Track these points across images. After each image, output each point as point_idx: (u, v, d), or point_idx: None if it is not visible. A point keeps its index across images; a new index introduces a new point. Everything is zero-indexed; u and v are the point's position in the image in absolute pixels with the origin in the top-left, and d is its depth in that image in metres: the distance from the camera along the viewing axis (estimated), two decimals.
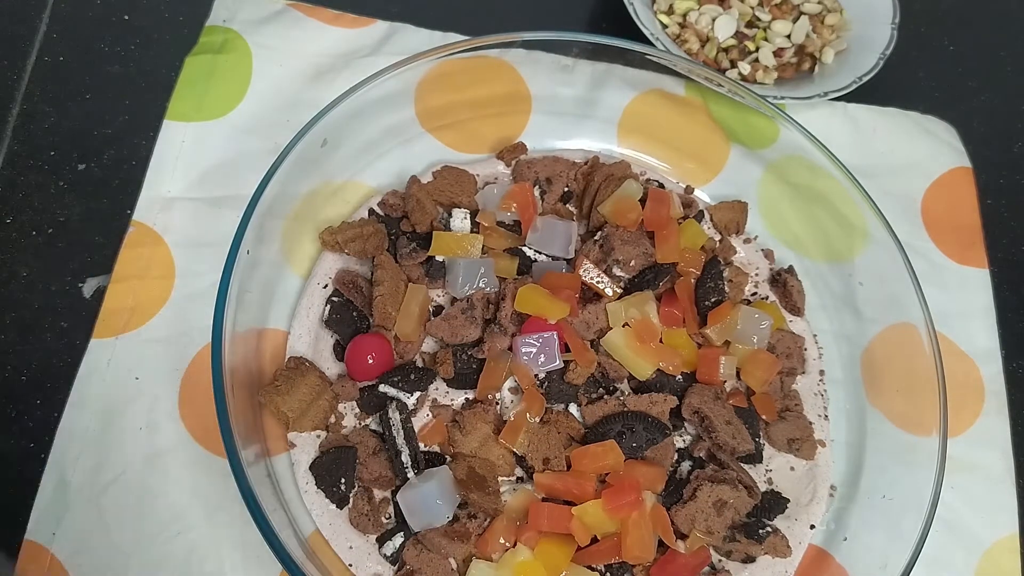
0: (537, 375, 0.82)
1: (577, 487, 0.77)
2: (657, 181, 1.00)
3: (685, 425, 0.85)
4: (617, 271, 0.89)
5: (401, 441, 0.78)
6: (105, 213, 0.91)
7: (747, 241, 0.99)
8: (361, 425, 0.83)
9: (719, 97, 1.00)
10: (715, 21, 1.07)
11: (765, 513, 0.82)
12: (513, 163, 0.97)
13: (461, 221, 0.89)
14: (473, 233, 0.89)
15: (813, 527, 0.84)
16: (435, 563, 0.76)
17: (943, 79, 1.17)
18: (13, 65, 0.97)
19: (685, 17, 1.08)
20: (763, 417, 0.86)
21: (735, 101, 0.98)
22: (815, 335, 0.95)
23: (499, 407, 0.83)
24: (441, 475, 0.77)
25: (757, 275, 0.97)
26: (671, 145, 1.02)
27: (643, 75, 1.02)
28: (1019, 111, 1.17)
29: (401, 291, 0.84)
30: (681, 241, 0.89)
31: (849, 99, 1.06)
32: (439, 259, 0.86)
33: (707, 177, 1.02)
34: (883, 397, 0.89)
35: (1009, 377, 0.97)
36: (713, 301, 0.87)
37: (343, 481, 0.78)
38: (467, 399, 0.83)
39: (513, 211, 0.90)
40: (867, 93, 1.05)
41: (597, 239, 0.90)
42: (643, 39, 1.00)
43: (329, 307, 0.86)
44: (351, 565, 0.77)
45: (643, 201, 0.91)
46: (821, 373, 0.93)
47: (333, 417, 0.82)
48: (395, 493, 0.78)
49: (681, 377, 0.85)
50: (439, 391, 0.83)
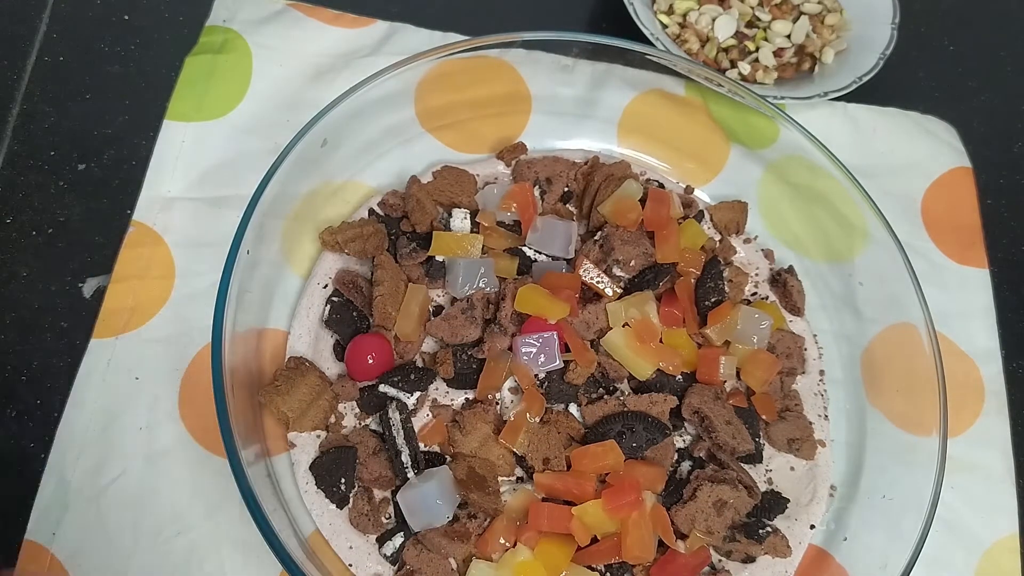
0: (537, 375, 0.82)
1: (577, 487, 0.77)
2: (657, 181, 1.00)
3: (685, 425, 0.85)
4: (617, 271, 0.89)
5: (401, 441, 0.78)
6: (105, 213, 0.91)
7: (747, 241, 0.99)
8: (361, 425, 0.83)
9: (719, 97, 1.00)
10: (715, 21, 1.07)
11: (765, 513, 0.82)
12: (513, 163, 0.97)
13: (461, 221, 0.89)
14: (473, 233, 0.89)
15: (813, 527, 0.84)
16: (435, 563, 0.76)
17: (943, 79, 1.17)
18: (13, 65, 0.97)
19: (685, 17, 1.08)
20: (763, 417, 0.86)
21: (735, 101, 0.98)
22: (815, 335, 0.95)
23: (499, 407, 0.83)
24: (441, 475, 0.77)
25: (757, 275, 0.97)
26: (671, 145, 1.02)
27: (643, 75, 1.02)
28: (1019, 111, 1.17)
29: (401, 291, 0.84)
30: (681, 241, 0.89)
31: (849, 99, 1.06)
32: (439, 259, 0.86)
33: (707, 177, 1.02)
34: (883, 397, 0.89)
35: (1009, 377, 0.97)
36: (713, 301, 0.87)
37: (343, 481, 0.78)
38: (467, 399, 0.83)
39: (513, 211, 0.90)
40: (867, 93, 1.05)
41: (597, 239, 0.90)
42: (643, 39, 1.00)
43: (329, 307, 0.86)
44: (351, 565, 0.77)
45: (643, 201, 0.91)
46: (821, 373, 0.93)
47: (333, 417, 0.82)
48: (395, 493, 0.78)
49: (681, 377, 0.85)
50: (439, 391, 0.83)
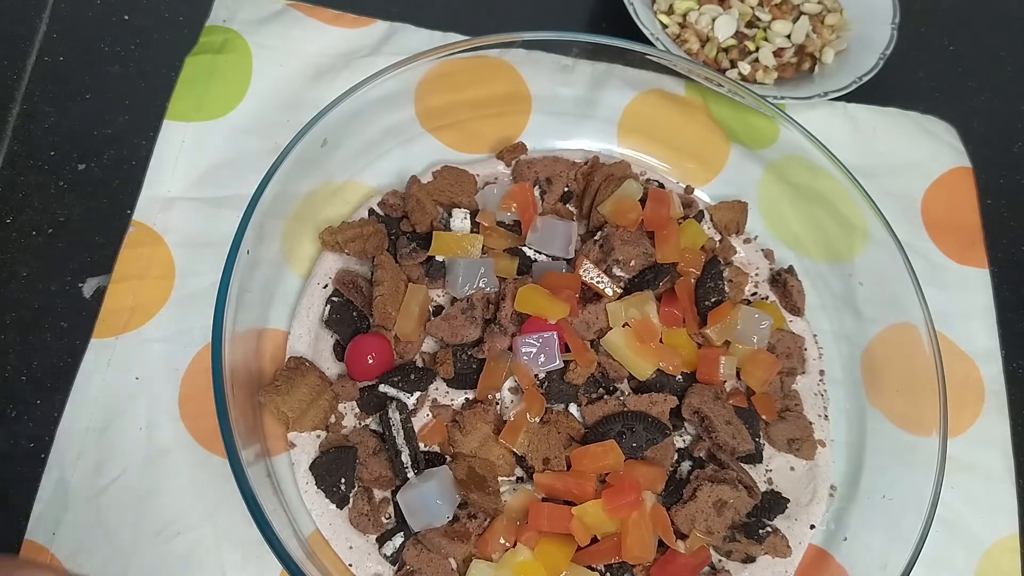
0: (537, 375, 0.82)
1: (577, 487, 0.77)
2: (657, 181, 1.00)
3: (685, 425, 0.85)
4: (617, 271, 0.89)
5: (401, 441, 0.78)
6: (105, 213, 0.90)
7: (747, 241, 0.99)
8: (361, 425, 0.83)
9: (719, 97, 1.00)
10: (715, 21, 1.07)
11: (765, 513, 0.82)
12: (513, 163, 0.97)
13: (461, 221, 0.89)
14: (473, 233, 0.89)
15: (813, 527, 0.84)
16: (435, 563, 0.76)
17: (943, 79, 1.17)
18: (13, 65, 0.97)
19: (685, 17, 1.08)
20: (763, 417, 0.86)
21: (735, 101, 0.98)
22: (815, 335, 0.95)
23: (499, 407, 0.83)
24: (441, 475, 0.77)
25: (757, 275, 0.97)
26: (671, 145, 1.02)
27: (643, 75, 1.02)
28: (1019, 111, 1.17)
29: (401, 291, 0.84)
30: (681, 241, 0.89)
31: (849, 99, 1.06)
32: (439, 259, 0.86)
33: (707, 177, 1.02)
34: (883, 397, 0.89)
35: (1009, 377, 0.97)
36: (713, 301, 0.87)
37: (343, 481, 0.78)
38: (467, 399, 0.83)
39: (513, 211, 0.90)
40: (867, 93, 1.05)
41: (597, 239, 0.90)
42: (643, 39, 1.00)
43: (329, 307, 0.86)
44: (351, 565, 0.77)
45: (643, 201, 0.91)
46: (821, 373, 0.93)
47: (333, 417, 0.82)
48: (395, 493, 0.78)
49: (681, 377, 0.85)
50: (439, 391, 0.83)
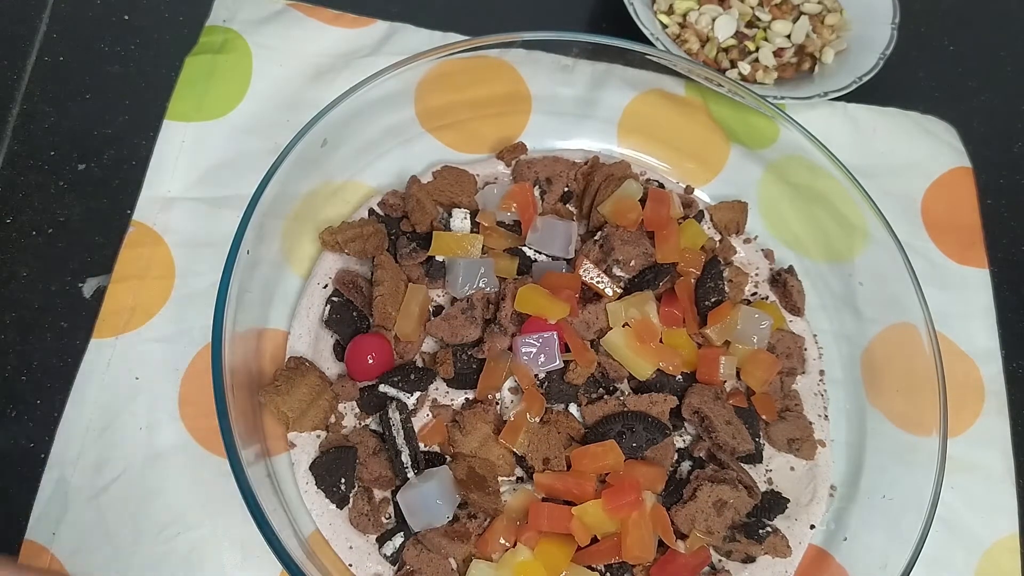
0: (537, 375, 0.82)
1: (577, 487, 0.77)
2: (657, 181, 1.00)
3: (685, 425, 0.85)
4: (617, 271, 0.89)
5: (401, 441, 0.78)
6: (105, 213, 0.90)
7: (747, 241, 0.99)
8: (361, 425, 0.83)
9: (719, 97, 1.00)
10: (715, 21, 1.07)
11: (765, 513, 0.82)
12: (513, 163, 0.97)
13: (461, 221, 0.89)
14: (473, 233, 0.89)
15: (813, 527, 0.84)
16: (435, 563, 0.76)
17: (943, 79, 1.17)
18: (13, 65, 0.97)
19: (685, 17, 1.08)
20: (763, 417, 0.86)
21: (735, 101, 0.98)
22: (815, 335, 0.95)
23: (499, 407, 0.83)
24: (441, 475, 0.77)
25: (757, 275, 0.97)
26: (671, 145, 1.02)
27: (643, 75, 1.02)
28: (1019, 111, 1.17)
29: (401, 291, 0.84)
30: (681, 241, 0.89)
31: (849, 99, 1.06)
32: (439, 259, 0.86)
33: (707, 177, 1.02)
34: (883, 397, 0.89)
35: (1009, 377, 0.97)
36: (713, 301, 0.87)
37: (343, 481, 0.78)
38: (467, 399, 0.83)
39: (513, 211, 0.90)
40: (867, 93, 1.05)
41: (597, 239, 0.90)
42: (643, 39, 1.00)
43: (329, 307, 0.86)
44: (351, 565, 0.77)
45: (643, 201, 0.91)
46: (821, 373, 0.93)
47: (333, 417, 0.82)
48: (395, 493, 0.78)
49: (681, 377, 0.85)
50: (439, 391, 0.83)
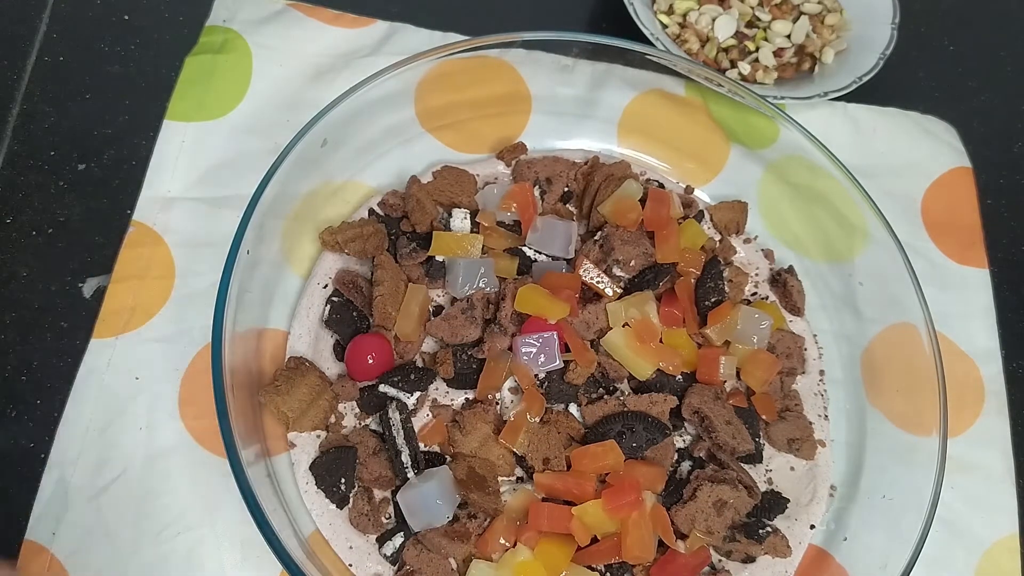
0: (537, 375, 0.82)
1: (577, 487, 0.77)
2: (657, 181, 1.00)
3: (685, 425, 0.85)
4: (617, 271, 0.89)
5: (401, 441, 0.78)
6: (105, 213, 0.90)
7: (747, 241, 0.99)
8: (361, 425, 0.83)
9: (719, 97, 1.00)
10: (715, 21, 1.07)
11: (765, 513, 0.82)
12: (513, 163, 0.97)
13: (461, 221, 0.89)
14: (473, 233, 0.89)
15: (813, 527, 0.84)
16: (435, 563, 0.76)
17: (943, 79, 1.17)
18: (13, 65, 0.97)
19: (685, 17, 1.08)
20: (763, 417, 0.86)
21: (735, 101, 0.98)
22: (815, 335, 0.95)
23: (499, 407, 0.83)
24: (441, 475, 0.77)
25: (757, 275, 0.97)
26: (671, 145, 1.02)
27: (643, 75, 1.02)
28: (1019, 111, 1.17)
29: (401, 291, 0.84)
30: (681, 241, 0.89)
31: (849, 99, 1.06)
32: (439, 259, 0.86)
33: (707, 177, 1.02)
34: (883, 397, 0.89)
35: (1009, 377, 0.97)
36: (713, 301, 0.87)
37: (343, 481, 0.78)
38: (467, 399, 0.83)
39: (513, 211, 0.90)
40: (867, 93, 1.05)
41: (597, 239, 0.90)
42: (643, 39, 1.00)
43: (329, 307, 0.86)
44: (351, 565, 0.77)
45: (643, 201, 0.91)
46: (821, 373, 0.93)
47: (333, 417, 0.82)
48: (395, 493, 0.78)
49: (681, 377, 0.85)
50: (439, 391, 0.83)
